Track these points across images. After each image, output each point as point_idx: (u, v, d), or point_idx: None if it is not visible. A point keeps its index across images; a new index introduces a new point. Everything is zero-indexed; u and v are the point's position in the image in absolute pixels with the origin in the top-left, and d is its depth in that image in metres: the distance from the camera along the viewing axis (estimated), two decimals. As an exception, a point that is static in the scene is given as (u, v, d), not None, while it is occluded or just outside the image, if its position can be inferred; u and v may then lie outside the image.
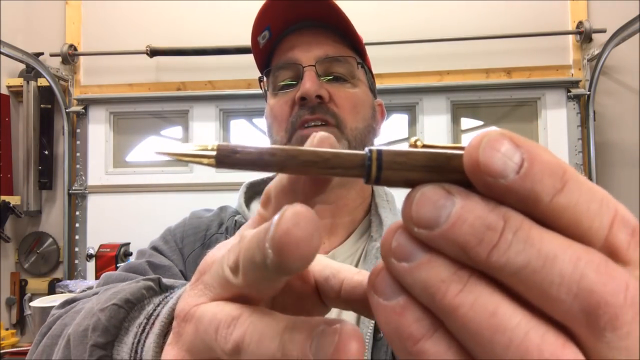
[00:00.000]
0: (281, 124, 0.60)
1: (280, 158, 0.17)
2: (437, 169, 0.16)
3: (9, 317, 2.19)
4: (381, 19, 2.06)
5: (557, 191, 0.14)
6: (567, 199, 0.14)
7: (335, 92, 0.60)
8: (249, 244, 0.17)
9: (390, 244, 0.16)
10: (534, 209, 0.15)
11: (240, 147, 0.18)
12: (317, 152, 0.17)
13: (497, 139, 0.15)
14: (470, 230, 0.14)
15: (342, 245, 0.61)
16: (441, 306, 0.15)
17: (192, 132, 2.22)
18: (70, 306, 0.49)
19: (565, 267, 0.14)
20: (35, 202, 2.20)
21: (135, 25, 2.26)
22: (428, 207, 0.15)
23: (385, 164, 0.17)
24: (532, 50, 2.08)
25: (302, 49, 0.60)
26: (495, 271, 0.14)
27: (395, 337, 0.16)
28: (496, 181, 0.14)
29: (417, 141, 0.18)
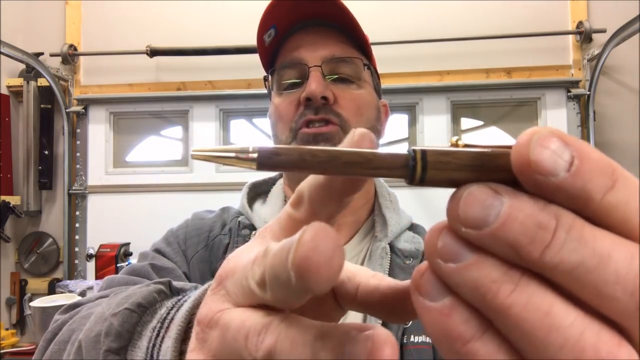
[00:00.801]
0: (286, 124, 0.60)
1: (322, 159, 0.17)
2: (483, 168, 0.16)
3: (9, 317, 2.19)
4: (381, 19, 2.06)
5: (608, 189, 0.14)
6: (617, 197, 0.14)
7: (340, 93, 0.59)
8: (273, 261, 0.17)
9: (435, 245, 0.16)
10: (585, 207, 0.14)
11: (282, 149, 0.17)
12: (360, 153, 0.17)
13: (547, 137, 0.15)
14: (521, 229, 0.14)
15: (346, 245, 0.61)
16: (493, 306, 0.15)
17: (192, 132, 2.22)
18: (74, 311, 0.49)
19: (620, 266, 0.14)
20: (35, 202, 2.20)
21: (135, 25, 2.26)
22: (476, 206, 0.15)
23: (430, 164, 0.16)
24: (532, 50, 2.08)
25: (309, 49, 0.60)
26: (548, 270, 0.14)
27: (443, 338, 0.16)
28: (547, 179, 0.14)
29: (458, 140, 0.18)
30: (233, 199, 0.69)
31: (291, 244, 0.15)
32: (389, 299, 0.21)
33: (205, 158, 0.18)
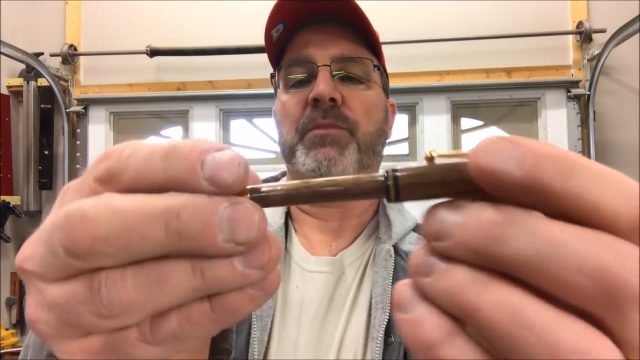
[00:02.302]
0: (292, 124, 0.59)
1: (305, 194, 0.19)
2: (452, 183, 0.17)
3: (9, 317, 2.19)
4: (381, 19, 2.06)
5: (566, 179, 0.14)
6: (578, 185, 0.14)
7: (349, 94, 0.58)
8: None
9: (415, 264, 0.17)
10: (549, 200, 0.15)
11: (270, 189, 0.19)
12: (340, 183, 0.19)
13: (493, 141, 0.15)
14: (479, 233, 0.15)
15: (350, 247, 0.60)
16: (464, 310, 0.15)
17: (192, 132, 2.22)
18: None
19: (577, 252, 0.14)
20: (35, 202, 2.20)
21: (135, 25, 2.26)
22: (436, 221, 0.16)
23: (402, 187, 0.18)
24: (532, 50, 2.08)
25: (318, 47, 0.59)
26: (511, 267, 0.15)
27: (418, 347, 0.16)
28: (502, 180, 0.15)
29: (431, 152, 0.18)
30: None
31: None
32: None
33: None
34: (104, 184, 0.18)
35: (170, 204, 0.17)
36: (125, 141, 0.19)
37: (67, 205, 0.18)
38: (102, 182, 0.18)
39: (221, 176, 0.17)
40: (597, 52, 1.97)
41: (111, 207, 0.17)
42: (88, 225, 0.16)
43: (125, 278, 0.17)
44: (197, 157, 0.17)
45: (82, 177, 0.19)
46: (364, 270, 0.58)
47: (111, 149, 0.19)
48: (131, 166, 0.18)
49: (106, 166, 0.18)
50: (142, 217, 0.16)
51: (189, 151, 0.17)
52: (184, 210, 0.16)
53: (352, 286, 0.57)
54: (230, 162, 0.17)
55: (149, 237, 0.16)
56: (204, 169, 0.17)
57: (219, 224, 0.16)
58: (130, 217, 0.16)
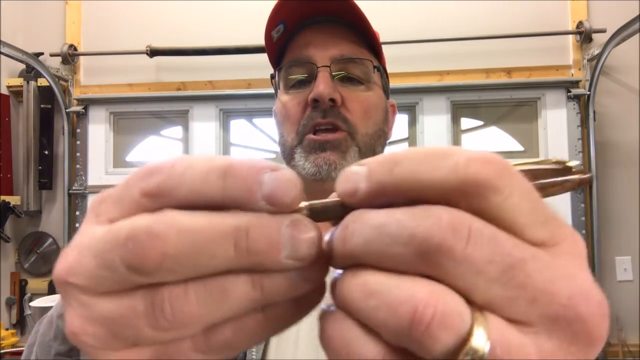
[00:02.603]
0: (293, 125, 0.59)
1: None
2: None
3: (9, 317, 2.19)
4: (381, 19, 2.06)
5: (394, 172, 0.17)
6: (406, 173, 0.17)
7: (348, 95, 0.58)
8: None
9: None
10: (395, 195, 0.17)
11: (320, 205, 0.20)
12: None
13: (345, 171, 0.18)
14: (337, 240, 0.18)
15: None
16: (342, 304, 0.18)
17: (192, 132, 2.22)
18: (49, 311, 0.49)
19: (393, 228, 0.16)
20: (35, 202, 2.20)
21: (135, 25, 2.26)
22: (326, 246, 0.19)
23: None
24: (532, 50, 2.08)
25: (318, 47, 0.59)
26: (358, 258, 0.17)
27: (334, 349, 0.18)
28: (355, 196, 0.18)
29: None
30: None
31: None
32: None
33: None
34: (153, 199, 0.18)
35: (239, 223, 0.17)
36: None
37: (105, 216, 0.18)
38: (151, 197, 0.18)
39: (279, 196, 0.18)
40: (597, 52, 1.97)
41: (180, 226, 0.17)
42: (157, 243, 0.17)
43: (188, 292, 0.17)
44: (255, 177, 0.18)
45: (121, 188, 0.19)
46: None
47: (157, 162, 0.19)
48: (187, 183, 0.18)
49: (157, 181, 0.18)
50: (213, 236, 0.17)
51: (247, 171, 0.18)
52: (252, 229, 0.17)
53: None
54: (287, 182, 0.18)
55: (218, 255, 0.17)
56: (262, 189, 0.17)
57: (283, 241, 0.17)
58: (201, 235, 0.17)
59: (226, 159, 0.18)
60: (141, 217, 0.17)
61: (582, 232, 1.99)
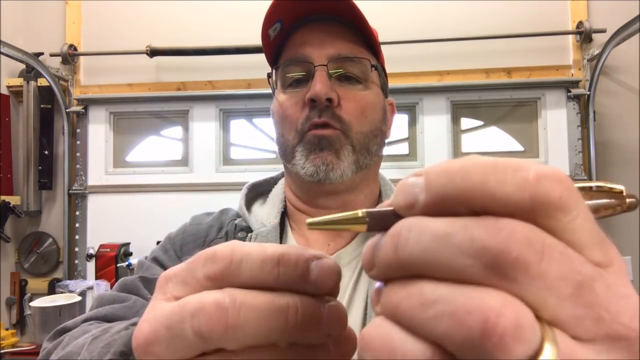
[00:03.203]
0: (292, 125, 0.59)
1: None
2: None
3: (9, 317, 2.19)
4: (381, 19, 2.06)
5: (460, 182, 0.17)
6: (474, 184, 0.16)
7: (345, 95, 0.58)
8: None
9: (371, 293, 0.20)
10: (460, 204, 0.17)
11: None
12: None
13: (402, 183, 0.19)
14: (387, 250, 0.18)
15: (348, 246, 0.60)
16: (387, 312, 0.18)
17: (192, 132, 2.22)
18: (58, 340, 0.48)
19: (460, 239, 0.16)
20: (35, 202, 2.20)
21: (135, 25, 2.26)
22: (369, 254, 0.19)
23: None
24: (532, 50, 2.08)
25: (315, 46, 0.59)
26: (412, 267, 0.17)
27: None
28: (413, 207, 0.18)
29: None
30: (233, 199, 0.68)
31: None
32: None
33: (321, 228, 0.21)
34: (216, 282, 0.21)
35: (292, 301, 0.21)
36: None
37: (172, 294, 0.22)
38: (214, 281, 0.21)
39: (325, 282, 0.21)
40: (597, 52, 1.97)
41: (242, 300, 0.20)
42: (223, 314, 0.19)
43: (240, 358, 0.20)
44: (304, 266, 0.21)
45: (186, 270, 0.22)
46: (360, 270, 0.58)
47: (218, 250, 0.22)
48: (246, 272, 0.21)
49: (220, 268, 0.21)
50: (271, 310, 0.20)
51: (296, 260, 0.21)
52: (302, 308, 0.20)
53: (348, 286, 0.57)
54: (331, 270, 0.21)
55: (274, 327, 0.20)
56: (311, 276, 0.21)
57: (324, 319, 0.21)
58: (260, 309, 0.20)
59: (278, 248, 0.21)
60: (208, 292, 0.21)
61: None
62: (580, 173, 2.01)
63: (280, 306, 0.20)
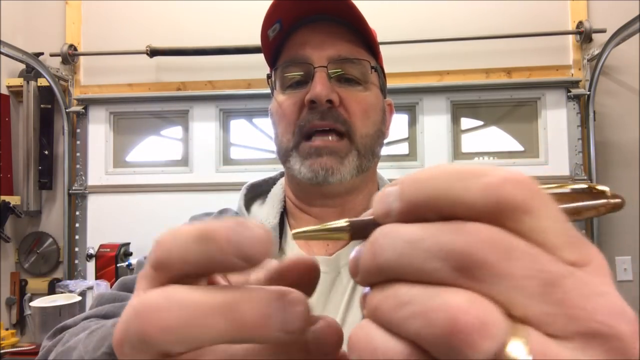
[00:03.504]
0: (289, 126, 0.59)
1: None
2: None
3: (9, 317, 2.19)
4: (381, 19, 2.06)
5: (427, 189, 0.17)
6: (439, 190, 0.17)
7: (346, 96, 0.58)
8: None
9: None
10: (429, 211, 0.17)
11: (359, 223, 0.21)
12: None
13: (381, 192, 0.19)
14: (367, 257, 0.18)
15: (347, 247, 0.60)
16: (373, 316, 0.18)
17: (192, 132, 2.22)
18: (58, 338, 0.48)
19: (430, 243, 0.16)
20: (35, 202, 2.20)
21: (135, 25, 2.26)
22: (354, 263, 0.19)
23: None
24: (532, 50, 2.08)
25: (315, 47, 0.58)
26: (389, 272, 0.17)
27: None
28: (385, 218, 0.19)
29: None
30: (233, 199, 0.68)
31: None
32: None
33: (306, 238, 0.21)
34: (159, 272, 0.20)
35: (229, 297, 0.18)
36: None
37: (140, 289, 0.21)
38: (157, 270, 0.20)
39: (249, 253, 0.19)
40: (597, 52, 1.97)
41: (177, 300, 0.18)
42: (156, 316, 0.18)
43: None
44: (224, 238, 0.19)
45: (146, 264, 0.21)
46: None
47: (158, 237, 0.20)
48: (174, 254, 0.19)
49: (156, 255, 0.20)
50: (205, 310, 0.18)
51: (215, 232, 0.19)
52: (243, 304, 0.18)
53: (347, 286, 0.57)
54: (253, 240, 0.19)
55: (213, 328, 0.18)
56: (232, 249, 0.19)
57: (273, 315, 0.18)
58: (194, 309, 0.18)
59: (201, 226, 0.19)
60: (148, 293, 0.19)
61: (582, 232, 1.99)
62: (580, 173, 2.01)
63: (215, 304, 0.18)
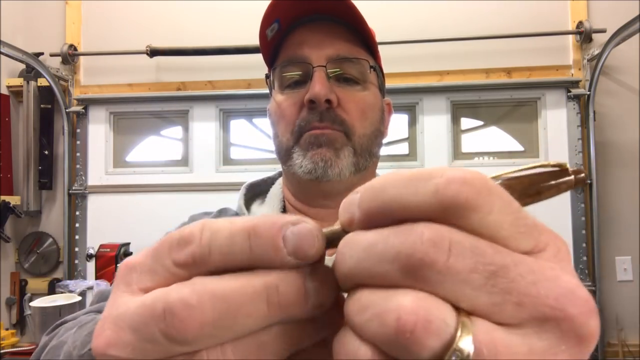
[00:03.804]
0: (288, 126, 0.59)
1: None
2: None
3: (9, 317, 2.19)
4: (381, 19, 2.06)
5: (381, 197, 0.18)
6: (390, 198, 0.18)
7: (344, 96, 0.58)
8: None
9: None
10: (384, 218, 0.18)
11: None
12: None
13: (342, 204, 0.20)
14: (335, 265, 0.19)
15: None
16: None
17: (192, 132, 2.22)
18: (54, 333, 0.48)
19: (378, 248, 0.17)
20: (35, 202, 2.20)
21: (135, 25, 2.26)
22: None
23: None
24: (532, 50, 2.08)
25: (313, 47, 0.58)
26: (354, 278, 0.18)
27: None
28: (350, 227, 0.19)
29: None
30: (233, 199, 0.68)
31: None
32: None
33: None
34: (188, 269, 0.19)
35: (268, 281, 0.18)
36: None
37: (138, 286, 0.19)
38: (186, 267, 0.19)
39: (304, 250, 0.19)
40: (597, 52, 1.97)
41: (212, 293, 0.18)
42: (193, 313, 0.17)
43: (225, 353, 0.18)
44: (278, 235, 0.18)
45: (151, 257, 0.20)
46: None
47: (186, 231, 0.19)
48: (216, 250, 0.19)
49: (190, 252, 0.19)
50: (246, 298, 0.18)
51: (269, 229, 0.18)
52: (282, 285, 0.18)
53: None
54: (309, 235, 0.19)
55: (253, 314, 0.18)
56: (287, 245, 0.18)
57: (309, 292, 0.19)
58: (234, 299, 0.18)
59: (249, 220, 0.19)
60: (175, 287, 0.18)
61: (582, 232, 1.99)
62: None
63: (256, 289, 0.18)
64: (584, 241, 1.98)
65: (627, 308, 1.95)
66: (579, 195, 2.00)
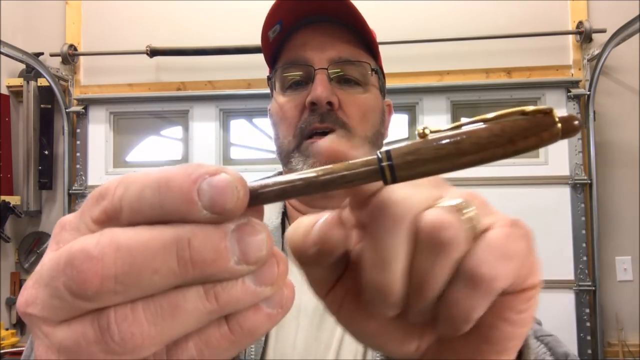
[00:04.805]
0: (289, 128, 0.59)
1: (300, 186, 0.18)
2: (447, 157, 0.17)
3: (9, 317, 2.19)
4: (381, 19, 2.06)
5: None
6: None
7: (346, 98, 0.58)
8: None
9: None
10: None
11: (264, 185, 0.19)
12: (333, 171, 0.18)
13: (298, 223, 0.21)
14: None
15: None
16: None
17: (192, 132, 2.22)
18: None
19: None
20: (35, 202, 2.20)
21: (135, 25, 2.26)
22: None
23: (397, 167, 0.18)
24: (532, 50, 2.08)
25: (315, 49, 0.58)
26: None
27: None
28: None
29: (425, 129, 0.19)
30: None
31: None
32: None
33: None
34: (103, 224, 0.18)
35: (179, 233, 0.16)
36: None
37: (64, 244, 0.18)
38: (101, 224, 0.18)
39: (221, 203, 0.17)
40: (597, 52, 1.97)
41: (117, 244, 0.16)
42: (94, 265, 0.16)
43: (135, 312, 0.16)
44: (191, 187, 0.16)
45: (79, 214, 0.19)
46: None
47: (105, 186, 0.18)
48: (126, 205, 0.17)
49: (103, 207, 0.18)
50: (152, 251, 0.16)
51: (181, 181, 0.17)
52: (195, 239, 0.16)
53: None
54: (228, 187, 0.17)
55: (161, 270, 0.16)
56: (202, 198, 0.16)
57: (230, 247, 0.17)
58: (139, 251, 0.16)
59: (162, 171, 0.17)
60: (81, 239, 0.17)
61: (582, 232, 1.99)
62: (580, 173, 2.01)
63: (164, 241, 0.16)
64: (584, 241, 1.98)
65: (627, 308, 1.95)
66: (579, 196, 2.00)
